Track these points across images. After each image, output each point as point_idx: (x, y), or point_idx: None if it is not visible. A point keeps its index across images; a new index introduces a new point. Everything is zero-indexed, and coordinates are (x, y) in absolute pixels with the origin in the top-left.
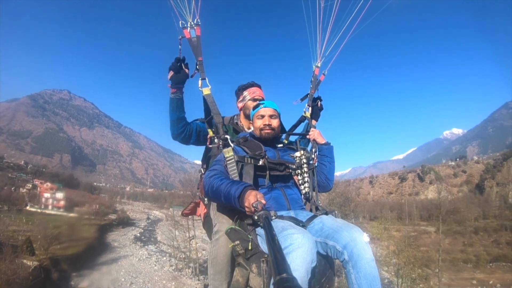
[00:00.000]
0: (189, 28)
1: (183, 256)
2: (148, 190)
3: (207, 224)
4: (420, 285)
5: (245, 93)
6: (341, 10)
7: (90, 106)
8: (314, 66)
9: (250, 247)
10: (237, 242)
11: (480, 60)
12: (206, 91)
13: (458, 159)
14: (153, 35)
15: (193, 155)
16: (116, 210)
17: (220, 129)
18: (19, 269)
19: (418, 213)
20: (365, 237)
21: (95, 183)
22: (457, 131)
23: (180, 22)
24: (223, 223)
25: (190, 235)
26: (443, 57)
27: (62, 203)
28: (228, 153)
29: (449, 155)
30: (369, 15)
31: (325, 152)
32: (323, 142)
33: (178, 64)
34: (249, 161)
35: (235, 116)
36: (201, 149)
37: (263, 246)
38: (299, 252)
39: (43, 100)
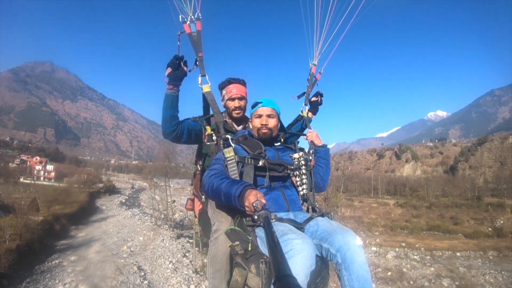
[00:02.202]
0: (189, 23)
1: (162, 216)
2: (133, 162)
3: (203, 221)
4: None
5: (223, 92)
6: (337, 7)
7: (73, 78)
8: (311, 64)
9: (249, 248)
10: (237, 242)
11: (469, 46)
12: (206, 88)
13: (437, 141)
14: (139, 5)
15: None
16: (102, 181)
17: (221, 129)
18: (29, 221)
19: (385, 188)
20: (358, 241)
21: (79, 157)
22: (442, 113)
23: (180, 16)
24: (222, 222)
25: (170, 200)
26: (432, 41)
27: (52, 174)
28: (229, 153)
29: (431, 136)
30: (361, 11)
31: (322, 154)
32: (320, 145)
33: (177, 62)
34: (249, 162)
35: (223, 114)
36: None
37: (263, 248)
38: (299, 257)
39: (25, 74)
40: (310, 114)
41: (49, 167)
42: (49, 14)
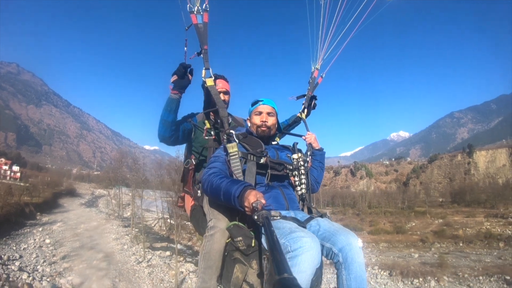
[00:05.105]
0: (196, 13)
1: (116, 214)
2: (95, 173)
3: (195, 217)
4: None
5: None
6: (344, 10)
7: (39, 82)
8: (313, 68)
9: (253, 244)
10: (240, 238)
11: (430, 69)
12: (210, 82)
13: (394, 159)
14: (112, 8)
15: (143, 140)
16: (63, 185)
17: (225, 124)
18: (7, 201)
19: (329, 200)
20: (359, 243)
21: (40, 164)
22: (404, 134)
23: (188, 5)
24: (219, 219)
25: (123, 203)
26: (396, 64)
27: (18, 175)
28: (232, 148)
29: (393, 156)
30: (368, 17)
31: (318, 157)
32: (318, 148)
33: (184, 70)
34: (252, 158)
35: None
36: (153, 135)
37: (266, 244)
38: (308, 255)
39: None
40: (303, 115)
41: (15, 168)
42: (17, 15)
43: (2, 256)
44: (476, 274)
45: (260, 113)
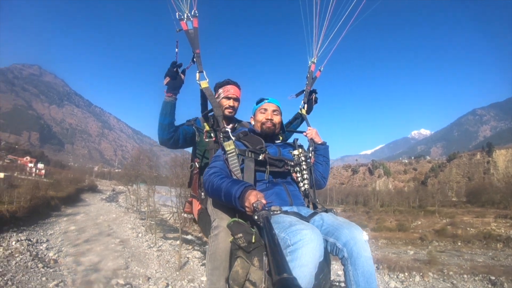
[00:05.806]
0: (186, 20)
1: (134, 209)
2: (116, 170)
3: (203, 221)
4: None
5: (220, 90)
6: (337, 4)
7: (61, 83)
8: (310, 62)
9: (253, 240)
10: (240, 235)
11: (451, 65)
12: (204, 84)
13: (413, 158)
14: (129, 11)
15: None
16: (86, 182)
17: (220, 122)
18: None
19: (343, 199)
20: (364, 236)
21: (63, 162)
22: (425, 131)
23: (176, 13)
24: (222, 219)
25: (141, 198)
26: (417, 61)
27: (43, 171)
28: (229, 146)
29: (413, 154)
30: (363, 10)
31: (322, 151)
32: (320, 142)
33: (175, 69)
34: (249, 155)
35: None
36: None
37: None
38: (309, 248)
39: (13, 75)
40: (304, 111)
41: (40, 165)
42: (40, 18)
43: (32, 239)
44: (462, 272)
45: (266, 110)
